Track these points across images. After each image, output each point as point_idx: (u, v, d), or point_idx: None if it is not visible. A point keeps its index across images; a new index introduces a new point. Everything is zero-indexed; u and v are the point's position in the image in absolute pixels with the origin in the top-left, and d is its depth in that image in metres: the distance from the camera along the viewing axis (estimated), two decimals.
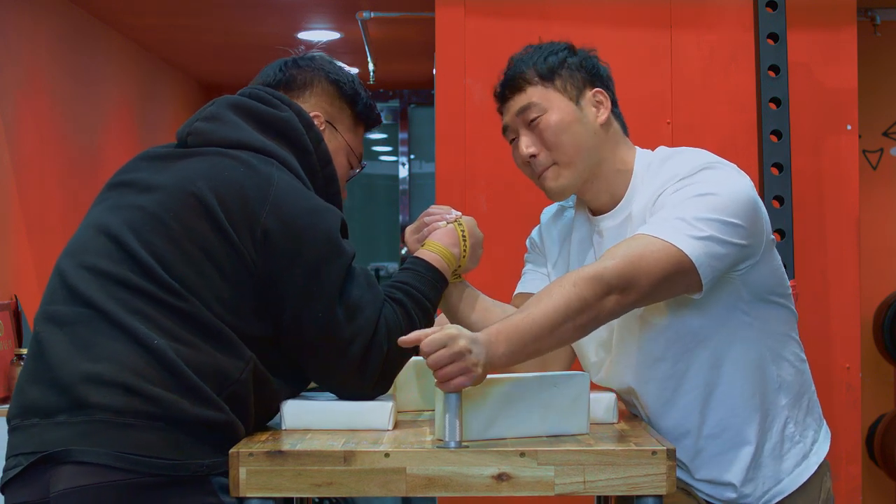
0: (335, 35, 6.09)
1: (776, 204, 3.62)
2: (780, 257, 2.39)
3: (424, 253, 2.35)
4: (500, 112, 2.44)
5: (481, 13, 3.91)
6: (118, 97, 5.77)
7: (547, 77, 2.37)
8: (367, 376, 2.19)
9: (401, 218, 8.46)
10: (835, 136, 3.90)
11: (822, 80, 3.90)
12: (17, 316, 4.15)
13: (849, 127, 3.90)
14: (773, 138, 3.65)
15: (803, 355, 2.43)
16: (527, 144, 2.37)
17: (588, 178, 2.38)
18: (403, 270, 2.32)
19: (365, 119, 2.44)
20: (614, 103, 2.45)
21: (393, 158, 8.67)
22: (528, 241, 2.64)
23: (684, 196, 2.22)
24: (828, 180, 3.89)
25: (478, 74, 3.88)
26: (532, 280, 2.57)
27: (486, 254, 3.89)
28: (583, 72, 2.40)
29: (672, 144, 3.92)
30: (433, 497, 3.17)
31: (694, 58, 3.91)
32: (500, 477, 2.00)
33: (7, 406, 3.92)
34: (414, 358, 2.54)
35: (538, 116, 2.35)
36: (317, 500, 6.32)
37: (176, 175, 2.16)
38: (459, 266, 2.40)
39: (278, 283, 2.10)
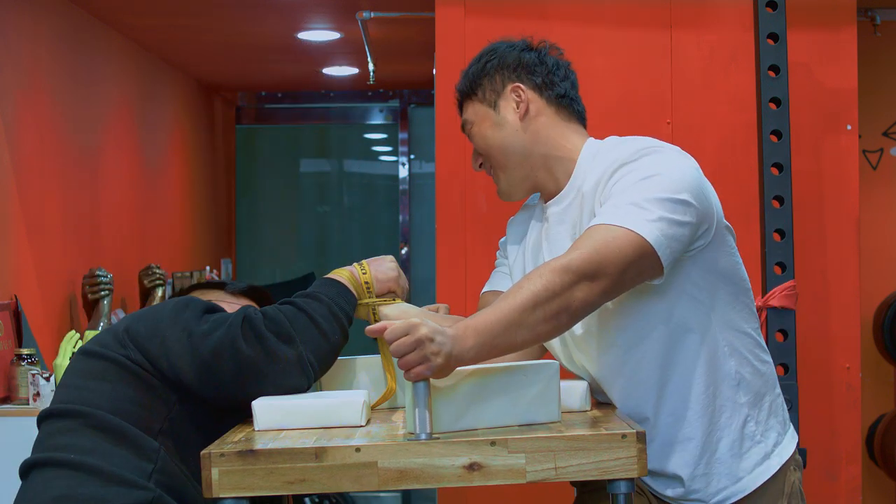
0: (335, 35, 6.09)
1: (776, 204, 3.62)
2: (738, 255, 2.40)
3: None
4: None
5: (481, 13, 3.91)
6: (118, 97, 5.77)
7: (470, 92, 2.49)
8: (262, 355, 2.28)
9: (401, 218, 8.46)
10: (835, 136, 3.90)
11: (822, 80, 3.90)
12: (17, 316, 4.15)
13: (849, 127, 3.90)
14: (773, 138, 3.65)
15: (766, 357, 2.43)
16: (474, 159, 2.53)
17: (529, 172, 2.46)
18: None
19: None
20: (550, 85, 2.46)
21: (393, 158, 8.67)
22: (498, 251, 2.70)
23: (630, 181, 2.26)
24: (828, 180, 3.89)
25: None
26: (494, 280, 2.63)
27: (487, 254, 3.89)
28: (502, 72, 2.46)
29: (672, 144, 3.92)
30: (433, 492, 3.17)
31: (694, 58, 3.91)
32: (472, 467, 2.00)
33: (7, 406, 3.93)
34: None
35: (472, 132, 2.50)
36: (317, 499, 6.31)
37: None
38: (368, 285, 2.47)
39: (152, 356, 2.35)
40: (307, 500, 6.20)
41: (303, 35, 6.09)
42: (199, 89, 7.55)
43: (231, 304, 2.68)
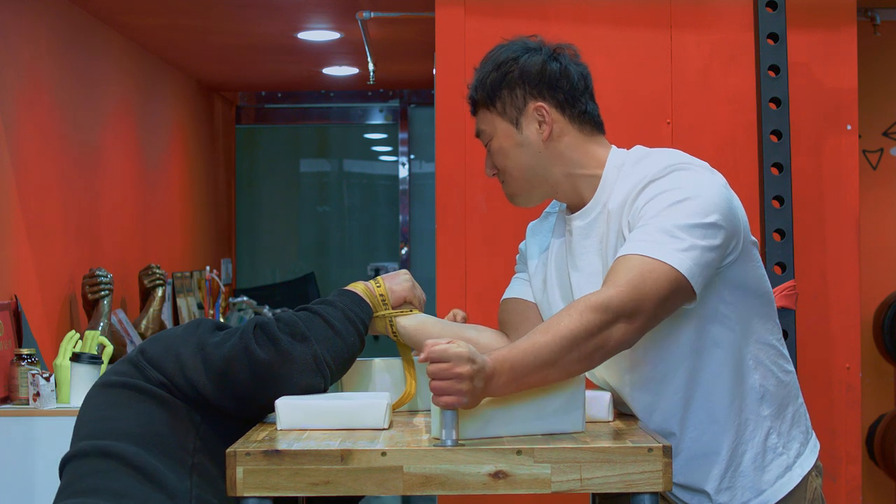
0: (335, 35, 6.09)
1: (776, 204, 3.62)
2: (763, 267, 2.39)
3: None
4: None
5: (481, 13, 3.91)
6: (118, 97, 5.77)
7: (488, 101, 2.41)
8: (276, 357, 2.27)
9: (401, 218, 8.46)
10: (835, 136, 3.90)
11: (822, 80, 3.90)
12: (17, 316, 4.15)
13: (849, 127, 3.90)
14: (773, 138, 3.65)
15: (789, 366, 2.42)
16: (487, 166, 2.46)
17: (549, 190, 2.42)
18: None
19: None
20: (573, 102, 2.40)
21: (393, 158, 8.67)
22: (519, 247, 2.66)
23: (661, 205, 2.23)
24: (828, 180, 3.89)
25: None
26: (514, 287, 2.58)
27: (487, 254, 3.90)
28: (524, 86, 2.38)
29: (672, 144, 3.92)
30: (433, 497, 3.17)
31: (694, 58, 3.91)
32: (497, 475, 2.00)
33: (7, 406, 3.93)
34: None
35: (488, 144, 2.43)
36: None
37: None
38: (384, 297, 2.46)
39: (168, 376, 2.32)
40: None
41: (303, 35, 6.09)
42: (199, 89, 7.55)
43: None
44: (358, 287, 2.47)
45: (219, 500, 2.26)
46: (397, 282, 2.50)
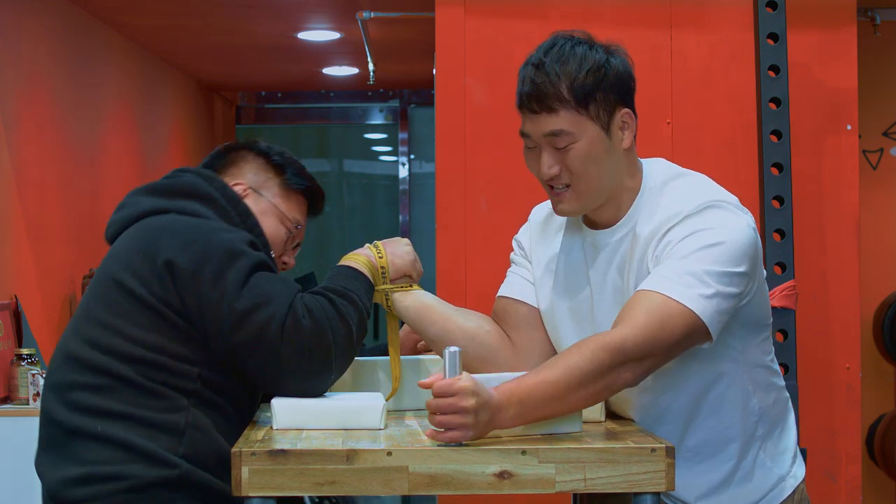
0: (335, 35, 6.09)
1: (776, 204, 3.62)
2: (767, 291, 2.39)
3: (338, 264, 2.46)
4: (521, 113, 2.30)
5: (481, 13, 3.91)
6: (118, 97, 5.77)
7: (581, 102, 2.23)
8: (295, 356, 2.23)
9: (401, 218, 8.46)
10: (835, 136, 3.90)
11: (822, 80, 3.90)
12: (17, 316, 4.15)
13: (849, 127, 3.90)
14: (773, 138, 3.65)
15: (781, 382, 2.43)
16: (549, 164, 2.27)
17: (603, 199, 2.33)
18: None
19: (295, 186, 2.57)
20: (635, 116, 2.33)
21: (393, 158, 8.67)
22: (514, 240, 2.56)
23: (693, 246, 2.20)
24: (828, 180, 3.89)
25: (478, 74, 3.88)
26: (514, 284, 2.51)
27: (487, 254, 3.90)
28: (615, 91, 2.27)
29: (672, 144, 3.92)
30: (432, 497, 3.17)
31: (694, 58, 3.91)
32: (502, 475, 2.01)
33: (7, 406, 3.93)
34: (414, 358, 2.55)
35: (568, 145, 2.25)
36: (317, 499, 6.31)
37: (99, 272, 2.42)
38: (384, 270, 2.43)
39: (193, 303, 2.26)
40: (307, 499, 6.20)
41: (303, 35, 6.10)
42: (199, 89, 7.55)
43: (283, 211, 2.55)
44: (360, 261, 2.43)
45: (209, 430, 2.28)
46: (399, 254, 2.46)
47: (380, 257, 2.44)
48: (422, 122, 8.44)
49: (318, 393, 2.29)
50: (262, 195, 2.52)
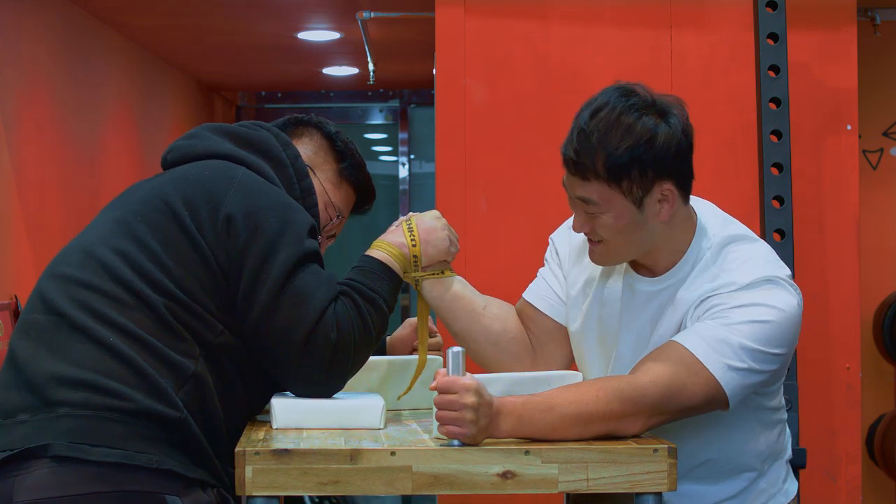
0: (335, 35, 6.09)
1: (776, 204, 3.62)
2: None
3: (371, 251, 2.39)
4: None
5: (481, 13, 3.91)
6: (118, 97, 5.77)
7: (613, 178, 2.18)
8: (314, 366, 2.21)
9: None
10: (835, 136, 3.90)
11: (822, 80, 3.90)
12: (17, 316, 4.15)
13: (849, 127, 3.90)
14: (773, 138, 3.65)
15: (783, 415, 2.43)
16: (579, 224, 2.28)
17: (638, 257, 2.32)
18: (351, 269, 2.37)
19: (349, 177, 2.54)
20: (690, 177, 2.26)
21: (393, 158, 8.67)
22: (551, 239, 2.53)
23: (739, 318, 2.19)
24: (828, 180, 3.89)
25: (478, 74, 3.88)
26: (543, 296, 2.49)
27: (487, 253, 3.89)
28: (655, 167, 2.19)
29: None
30: (433, 497, 3.17)
31: (694, 58, 3.91)
32: (505, 475, 2.01)
33: None
34: (414, 358, 2.55)
35: (596, 213, 2.23)
36: (317, 499, 6.31)
37: (149, 187, 2.34)
38: (416, 259, 2.39)
39: (236, 266, 2.20)
40: (307, 499, 6.20)
41: (303, 35, 6.10)
42: (199, 89, 7.55)
43: (331, 198, 2.52)
44: (392, 252, 2.37)
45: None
46: (433, 242, 2.40)
47: (413, 245, 2.40)
48: (422, 122, 8.43)
49: (323, 397, 2.28)
50: (314, 175, 2.49)
